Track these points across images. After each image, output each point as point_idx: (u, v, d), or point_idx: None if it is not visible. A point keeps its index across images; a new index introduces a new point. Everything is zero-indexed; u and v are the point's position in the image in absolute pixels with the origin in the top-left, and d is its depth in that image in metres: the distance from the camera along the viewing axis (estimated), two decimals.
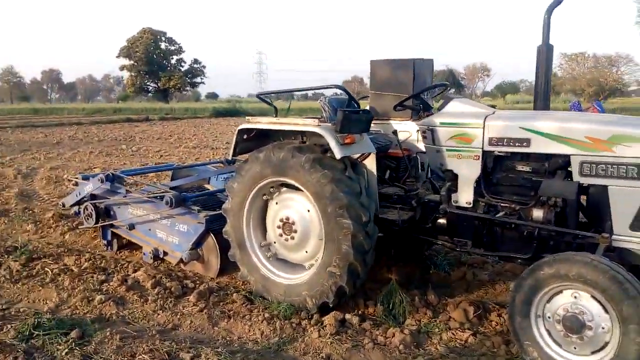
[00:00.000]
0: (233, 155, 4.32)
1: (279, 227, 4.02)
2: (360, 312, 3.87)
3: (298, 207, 3.94)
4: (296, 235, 3.92)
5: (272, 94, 4.66)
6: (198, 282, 4.49)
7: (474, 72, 78.82)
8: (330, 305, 3.72)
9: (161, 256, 4.96)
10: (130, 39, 72.20)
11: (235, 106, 47.56)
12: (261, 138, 4.18)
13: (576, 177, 3.21)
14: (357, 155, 3.88)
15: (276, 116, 4.23)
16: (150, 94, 75.91)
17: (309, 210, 3.86)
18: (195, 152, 14.41)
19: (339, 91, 4.72)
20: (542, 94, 3.78)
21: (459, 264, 4.87)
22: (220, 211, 4.36)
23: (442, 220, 3.85)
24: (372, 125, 4.07)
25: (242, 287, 4.36)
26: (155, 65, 71.78)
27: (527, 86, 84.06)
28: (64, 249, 5.41)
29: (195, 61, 76.22)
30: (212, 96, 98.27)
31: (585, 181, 3.20)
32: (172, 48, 75.04)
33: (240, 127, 4.15)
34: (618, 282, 2.64)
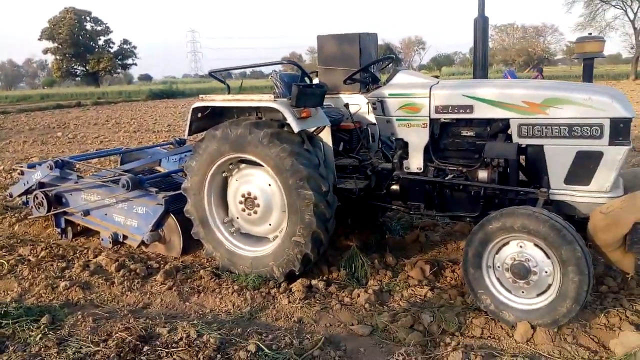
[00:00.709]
0: (189, 134, 4.35)
1: (240, 202, 4.12)
2: (325, 277, 4.07)
3: (258, 182, 4.05)
4: (259, 209, 4.04)
5: (223, 71, 4.67)
6: (162, 262, 4.54)
7: (409, 46, 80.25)
8: (297, 273, 3.90)
9: (121, 240, 4.93)
10: (52, 19, 67.69)
11: (172, 87, 46.13)
12: (215, 116, 4.23)
13: (515, 138, 3.51)
14: (313, 128, 4.02)
15: (229, 93, 4.28)
16: (78, 78, 72.04)
17: (269, 185, 3.98)
18: (137, 137, 14.03)
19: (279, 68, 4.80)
20: (481, 63, 4.05)
21: (412, 228, 5.17)
22: (179, 191, 4.41)
23: (395, 187, 4.09)
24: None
25: (208, 263, 4.45)
26: (82, 47, 67.87)
27: (461, 58, 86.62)
28: (16, 240, 5.25)
29: (125, 42, 72.81)
30: (146, 78, 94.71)
31: (524, 142, 3.51)
32: (99, 28, 71.14)
33: (195, 105, 4.17)
34: (556, 230, 2.97)
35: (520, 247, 3.17)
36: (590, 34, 4.15)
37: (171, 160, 6.11)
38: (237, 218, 4.22)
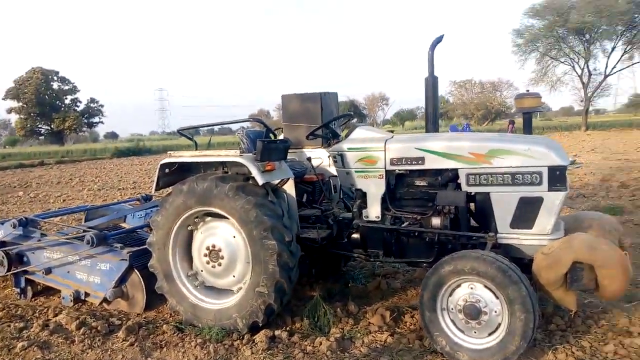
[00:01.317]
0: (156, 190, 4.46)
1: (205, 255, 4.20)
2: (288, 327, 4.13)
3: (223, 234, 4.16)
4: (223, 261, 4.12)
5: (191, 129, 4.86)
6: (125, 318, 4.50)
7: (373, 102, 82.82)
8: (260, 324, 3.95)
9: (82, 298, 4.88)
10: (18, 79, 67.48)
11: (139, 145, 46.03)
12: (182, 172, 4.37)
13: (464, 187, 3.77)
14: (277, 181, 4.19)
15: (196, 150, 4.46)
16: (42, 137, 71.05)
17: (234, 237, 4.09)
18: (101, 194, 13.90)
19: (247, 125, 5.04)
20: (432, 118, 4.37)
21: (374, 276, 5.31)
22: (144, 246, 4.46)
23: (355, 235, 4.26)
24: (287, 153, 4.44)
25: (171, 318, 4.44)
26: (48, 106, 67.49)
27: (423, 113, 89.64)
28: None
29: (92, 100, 72.84)
30: (112, 136, 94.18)
31: (472, 190, 3.77)
32: (66, 88, 71.16)
33: (163, 161, 4.31)
34: (503, 271, 3.18)
35: (471, 288, 3.35)
36: (528, 90, 4.55)
37: (136, 216, 6.13)
38: (202, 271, 4.28)
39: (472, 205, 3.97)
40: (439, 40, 4.22)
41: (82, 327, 4.24)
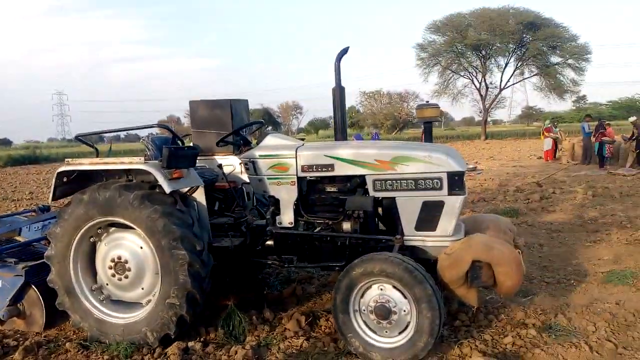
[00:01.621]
0: (53, 200, 4.19)
1: (110, 267, 4.00)
2: (202, 338, 4.03)
3: (129, 245, 3.99)
4: (130, 273, 3.95)
5: (92, 135, 4.62)
6: (21, 338, 4.16)
7: (287, 110, 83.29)
8: (172, 336, 3.82)
9: None
10: None
11: (35, 152, 42.70)
12: (82, 180, 4.14)
13: (371, 192, 3.91)
14: (186, 189, 4.10)
15: (97, 157, 4.24)
16: None
17: (141, 247, 3.94)
18: None
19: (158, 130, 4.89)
20: (340, 127, 4.49)
21: (289, 282, 5.34)
22: (42, 260, 4.15)
23: (269, 242, 4.27)
24: (197, 161, 4.35)
25: (74, 335, 4.17)
26: None
27: None
28: None
29: None
30: (5, 142, 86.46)
31: (379, 195, 3.92)
32: None
33: (60, 169, 4.06)
34: (409, 272, 3.34)
35: (381, 289, 3.48)
36: (428, 102, 4.84)
37: (33, 229, 5.68)
38: (107, 284, 4.07)
39: (379, 209, 4.13)
40: (344, 51, 4.36)
41: None
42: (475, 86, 49.80)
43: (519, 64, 47.12)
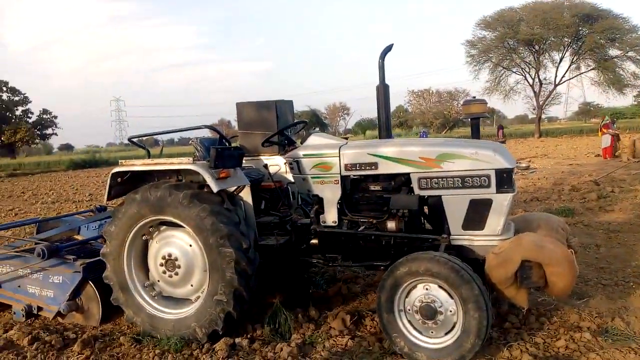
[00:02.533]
0: (108, 200, 4.37)
1: (161, 264, 4.14)
2: (249, 335, 4.10)
3: (179, 243, 4.11)
4: (180, 270, 4.08)
5: (143, 137, 4.79)
6: (80, 332, 4.37)
7: (335, 112, 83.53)
8: (220, 332, 3.92)
9: (35, 312, 4.71)
10: None
11: (95, 156, 44.82)
12: (135, 181, 4.30)
13: (416, 190, 3.86)
14: (233, 188, 4.19)
15: (149, 158, 4.40)
16: None
17: (190, 245, 4.05)
18: (56, 207, 13.45)
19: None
20: (384, 125, 4.46)
21: (335, 281, 5.35)
22: (98, 258, 4.36)
23: (314, 240, 4.29)
24: (244, 161, 4.44)
25: (128, 330, 4.35)
26: None
27: None
28: None
29: (45, 111, 70.41)
30: (67, 147, 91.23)
31: (424, 193, 3.86)
32: (16, 99, 68.57)
33: (114, 170, 4.24)
34: (456, 271, 3.27)
35: (426, 289, 3.43)
36: (475, 97, 4.72)
37: (90, 228, 5.97)
38: (158, 281, 4.21)
39: (425, 208, 4.07)
40: (388, 49, 4.33)
41: (35, 342, 4.10)
42: (529, 82, 48.20)
43: (574, 59, 45.16)
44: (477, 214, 3.69)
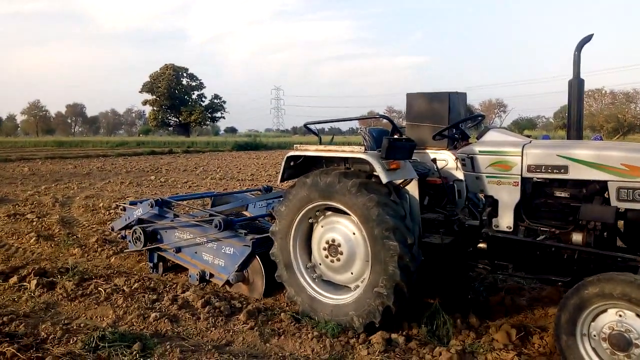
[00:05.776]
0: (281, 181, 4.58)
1: (324, 249, 4.22)
2: (405, 332, 4.01)
3: (343, 230, 4.14)
4: (342, 257, 4.11)
5: (317, 124, 4.93)
6: (245, 302, 4.68)
7: (490, 108, 79.16)
8: (377, 325, 3.88)
9: (207, 278, 5.16)
10: (153, 74, 74.45)
11: (255, 140, 48.47)
12: (306, 166, 4.44)
13: (614, 201, 3.37)
14: (400, 180, 4.09)
15: (320, 144, 4.50)
16: (171, 128, 77.63)
17: (354, 233, 4.06)
18: (223, 184, 14.75)
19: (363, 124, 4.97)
20: (575, 124, 3.99)
21: (496, 290, 4.99)
22: (266, 234, 4.60)
23: (483, 245, 4.01)
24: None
25: (288, 307, 4.54)
26: (177, 100, 73.70)
27: (544, 122, 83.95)
28: (112, 270, 5.66)
29: (216, 97, 78.09)
30: (231, 130, 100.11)
31: (623, 206, 3.36)
32: (194, 84, 77.07)
33: (289, 154, 4.41)
34: None
35: (620, 316, 2.97)
36: None
37: (257, 206, 6.38)
38: (320, 264, 4.31)
39: (620, 222, 3.55)
40: (587, 39, 3.85)
41: (207, 306, 4.48)
42: None
43: None
44: None
